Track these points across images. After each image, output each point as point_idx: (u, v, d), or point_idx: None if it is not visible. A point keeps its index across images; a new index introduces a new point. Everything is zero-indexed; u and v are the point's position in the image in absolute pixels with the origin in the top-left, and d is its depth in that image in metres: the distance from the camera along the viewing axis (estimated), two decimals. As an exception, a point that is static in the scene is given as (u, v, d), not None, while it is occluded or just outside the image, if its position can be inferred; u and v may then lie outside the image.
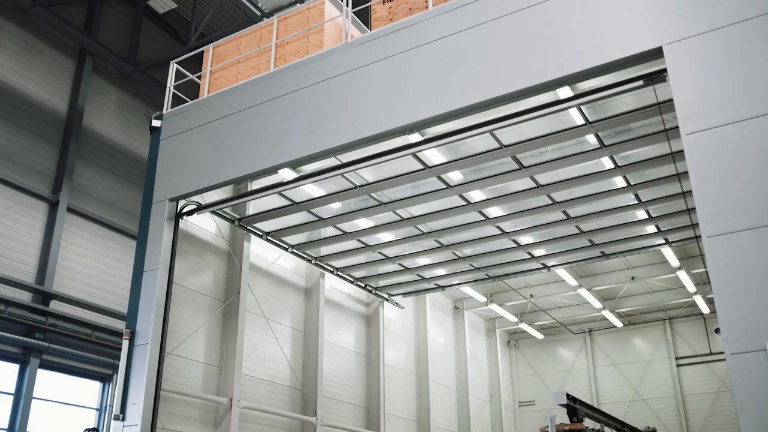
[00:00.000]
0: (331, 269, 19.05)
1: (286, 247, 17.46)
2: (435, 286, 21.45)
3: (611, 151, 13.18)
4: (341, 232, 17.12)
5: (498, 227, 16.91)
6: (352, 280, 19.84)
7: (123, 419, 12.45)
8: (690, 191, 12.53)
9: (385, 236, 17.55)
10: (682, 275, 21.36)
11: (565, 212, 16.02)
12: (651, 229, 17.24)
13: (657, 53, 9.51)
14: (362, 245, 17.94)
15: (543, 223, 16.74)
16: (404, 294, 21.69)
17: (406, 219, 16.29)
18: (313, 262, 18.32)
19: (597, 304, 24.56)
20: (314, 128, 12.39)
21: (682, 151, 9.20)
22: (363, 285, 20.42)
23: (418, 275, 20.39)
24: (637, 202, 15.49)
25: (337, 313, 19.94)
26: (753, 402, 7.65)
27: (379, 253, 18.53)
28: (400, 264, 19.34)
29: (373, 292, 20.76)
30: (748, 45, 8.79)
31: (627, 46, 9.68)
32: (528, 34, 10.58)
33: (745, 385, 7.74)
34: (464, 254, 18.85)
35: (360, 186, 14.67)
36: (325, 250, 18.52)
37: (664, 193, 15.13)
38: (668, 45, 9.38)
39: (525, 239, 17.90)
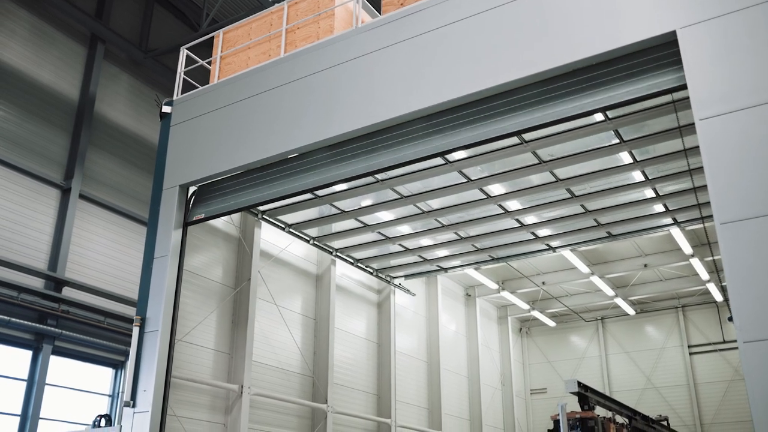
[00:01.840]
0: (330, 250, 18.75)
1: (283, 226, 17.21)
2: (437, 268, 21.20)
3: (616, 124, 12.80)
4: (339, 211, 16.69)
5: (500, 206, 16.53)
6: (352, 261, 19.54)
7: (134, 406, 12.49)
8: (697, 168, 12.44)
9: (384, 215, 17.12)
10: (695, 262, 21.21)
11: (569, 190, 15.67)
12: (659, 208, 16.85)
13: (670, 38, 9.38)
14: (361, 225, 17.54)
15: (547, 202, 16.35)
16: (406, 276, 21.44)
17: (406, 197, 15.90)
18: (311, 242, 18.06)
19: (609, 292, 24.43)
20: (325, 114, 12.33)
21: (690, 125, 9.11)
22: (363, 266, 20.08)
23: (420, 256, 20.06)
24: (644, 179, 15.11)
25: (348, 299, 19.92)
26: (765, 390, 7.57)
27: (379, 233, 18.11)
28: (400, 245, 18.97)
29: (375, 274, 20.50)
30: (764, 28, 8.63)
31: (640, 31, 9.55)
32: (540, 19, 10.46)
33: (758, 373, 7.68)
34: (467, 234, 18.46)
35: None
36: (322, 230, 18.17)
37: (672, 169, 14.72)
38: (682, 29, 9.23)
39: (529, 219, 17.50)
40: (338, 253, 19.00)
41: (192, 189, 14.30)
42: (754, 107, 8.44)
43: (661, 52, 9.69)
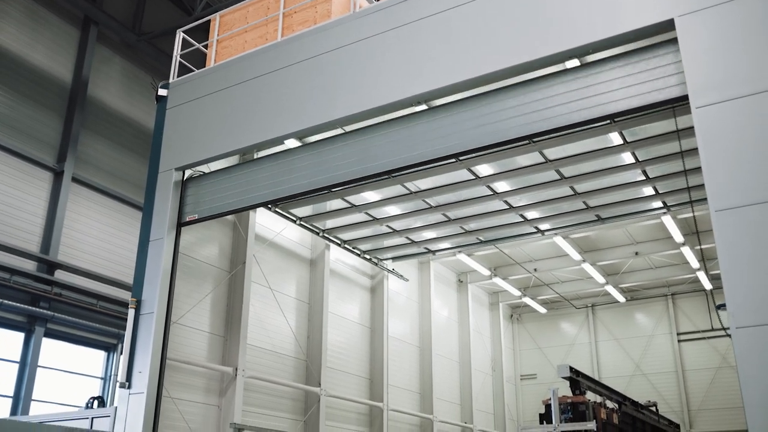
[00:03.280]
0: (317, 231, 18.59)
1: (269, 206, 17.07)
2: (425, 250, 21.19)
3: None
4: (326, 191, 16.25)
5: (489, 187, 16.44)
6: (339, 242, 19.43)
7: (129, 387, 12.55)
8: (688, 150, 12.47)
9: (371, 195, 16.92)
10: (686, 251, 21.37)
11: (558, 171, 15.60)
12: (649, 191, 16.82)
13: (668, 26, 9.44)
14: (348, 205, 17.37)
15: (536, 184, 16.26)
16: (394, 258, 21.40)
17: (393, 176, 15.41)
18: (297, 222, 17.91)
19: (600, 279, 24.60)
20: (321, 98, 12.34)
21: (683, 105, 9.19)
22: (351, 248, 19.94)
23: (408, 238, 19.99)
24: (634, 161, 15.05)
25: (342, 284, 19.99)
26: (757, 375, 7.69)
27: (366, 213, 17.96)
28: (388, 226, 18.87)
29: (362, 255, 20.41)
30: (761, 17, 8.70)
31: (638, 18, 9.60)
32: (539, 5, 10.48)
33: (750, 358, 7.78)
34: (455, 216, 18.36)
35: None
36: (309, 211, 17.99)
37: (663, 152, 14.65)
38: (680, 17, 9.29)
39: (517, 201, 17.40)
40: (325, 234, 18.83)
41: (187, 174, 14.27)
42: (751, 96, 8.51)
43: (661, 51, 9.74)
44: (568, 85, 10.29)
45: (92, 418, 12.89)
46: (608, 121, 13.23)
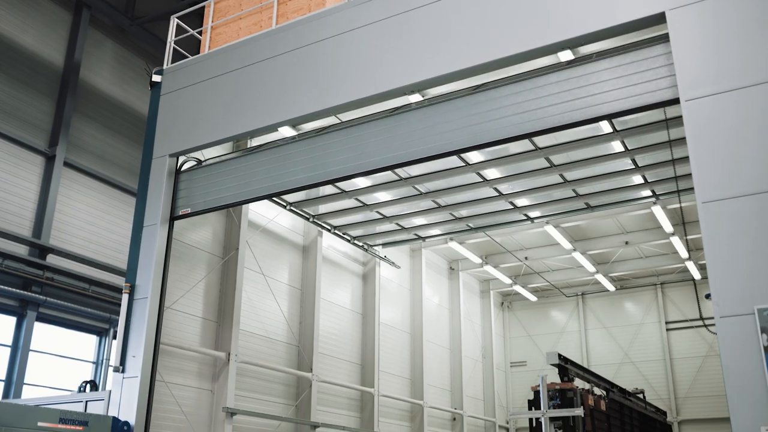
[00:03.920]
0: (308, 216, 18.63)
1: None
2: (415, 237, 21.33)
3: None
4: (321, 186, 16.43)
5: (479, 174, 16.53)
6: (329, 228, 19.45)
7: (123, 371, 12.66)
8: (676, 140, 12.62)
9: (362, 181, 16.94)
10: (675, 241, 21.56)
11: (548, 159, 15.68)
12: (638, 179, 16.97)
13: (660, 19, 9.54)
14: (338, 191, 17.40)
15: (526, 171, 16.37)
16: (384, 244, 21.51)
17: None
18: (287, 208, 17.99)
19: (590, 268, 24.79)
20: (316, 86, 12.40)
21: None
22: (341, 234, 19.95)
23: (398, 224, 20.11)
24: (623, 149, 15.16)
25: (334, 271, 20.10)
26: (740, 364, 7.83)
27: (356, 199, 18.01)
28: (378, 212, 18.96)
29: (352, 241, 20.43)
30: (751, 11, 8.81)
31: (630, 11, 9.69)
32: (532, -4, 10.58)
33: (733, 347, 7.93)
34: (445, 203, 18.46)
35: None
36: (299, 197, 17.89)
37: (651, 141, 14.79)
38: (671, 11, 9.39)
39: (507, 188, 17.51)
40: (315, 220, 18.86)
41: (180, 161, 14.31)
42: (740, 89, 8.63)
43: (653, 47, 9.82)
44: (561, 85, 10.38)
45: (86, 402, 13.00)
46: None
